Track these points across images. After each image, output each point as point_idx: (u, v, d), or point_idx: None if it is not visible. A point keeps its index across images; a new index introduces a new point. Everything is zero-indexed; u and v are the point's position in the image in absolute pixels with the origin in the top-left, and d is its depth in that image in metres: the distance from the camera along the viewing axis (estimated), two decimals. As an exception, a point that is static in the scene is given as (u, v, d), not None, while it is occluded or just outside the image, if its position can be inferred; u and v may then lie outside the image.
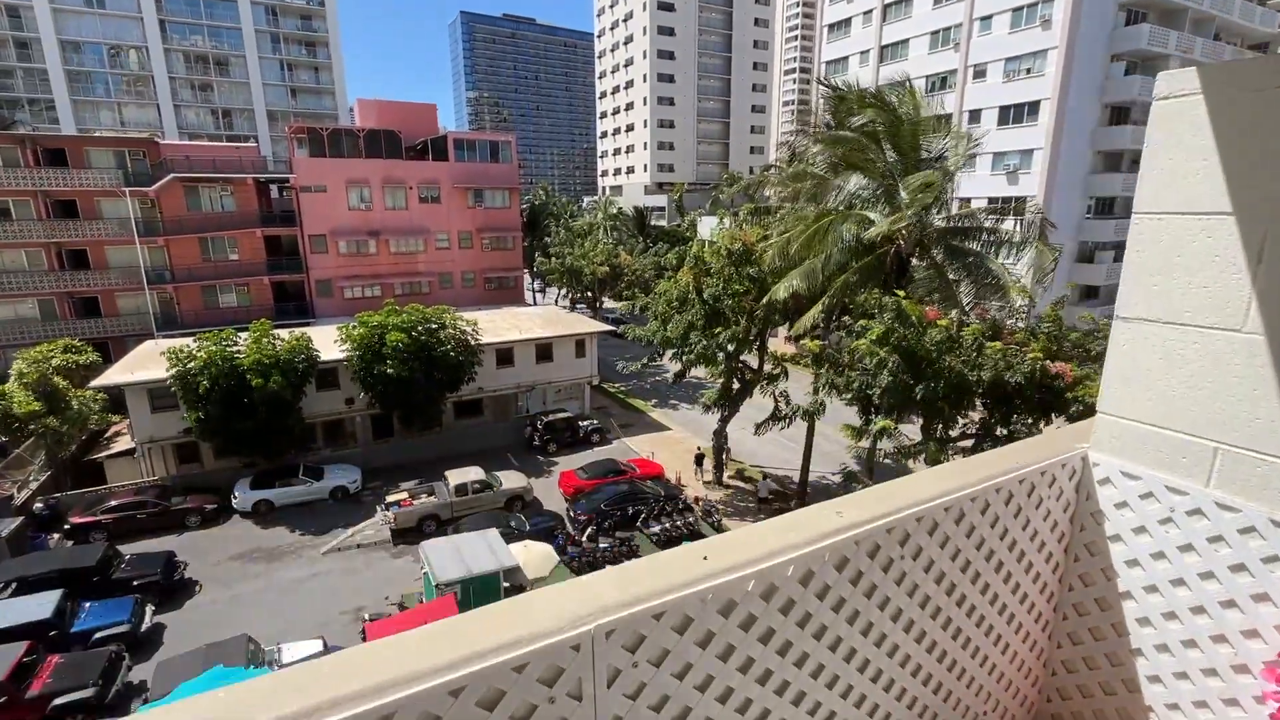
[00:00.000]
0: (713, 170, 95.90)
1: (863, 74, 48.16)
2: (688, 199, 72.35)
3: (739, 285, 23.36)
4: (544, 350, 35.34)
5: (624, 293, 48.31)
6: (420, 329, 28.08)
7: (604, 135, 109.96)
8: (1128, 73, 41.61)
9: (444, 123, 59.50)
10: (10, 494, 25.06)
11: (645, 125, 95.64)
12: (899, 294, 17.41)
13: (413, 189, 46.75)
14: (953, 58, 45.56)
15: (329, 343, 28.86)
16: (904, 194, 19.53)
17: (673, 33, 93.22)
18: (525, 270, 60.19)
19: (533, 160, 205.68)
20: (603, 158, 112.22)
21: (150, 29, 67.19)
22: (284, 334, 27.83)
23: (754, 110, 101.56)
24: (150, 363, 28.00)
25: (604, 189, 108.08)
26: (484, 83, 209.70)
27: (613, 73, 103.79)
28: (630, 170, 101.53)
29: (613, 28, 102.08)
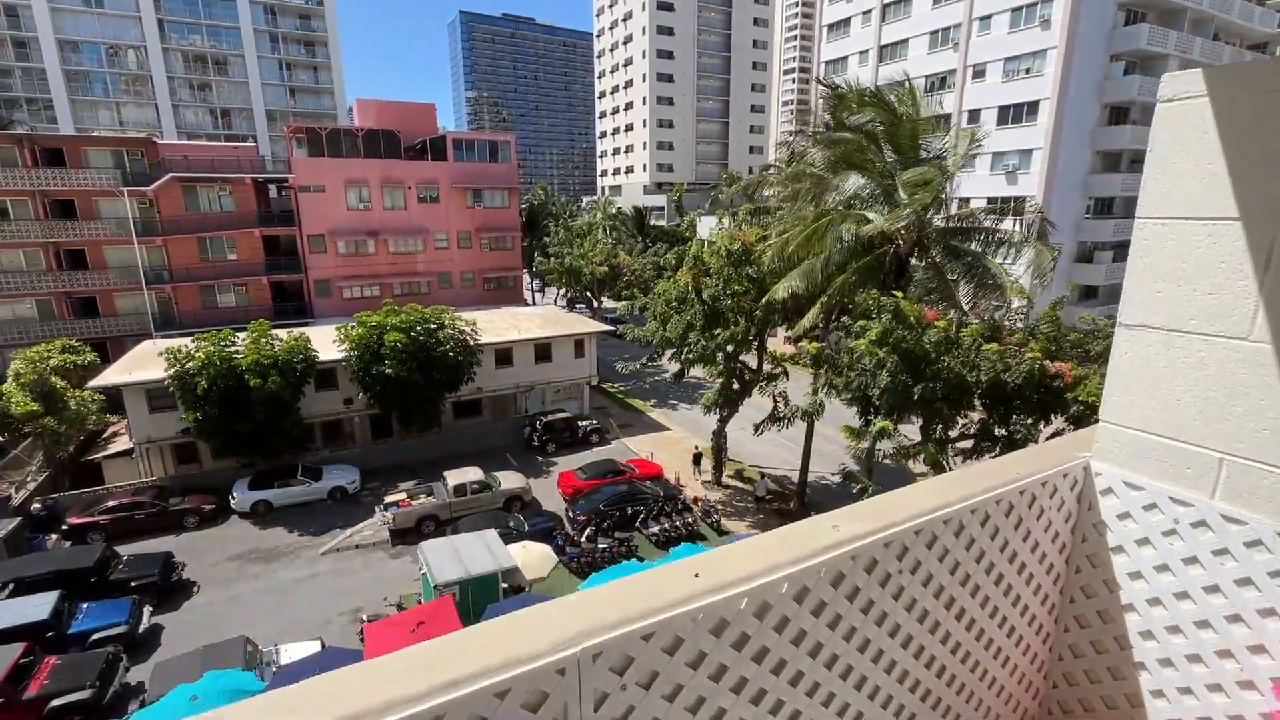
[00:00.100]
0: (712, 170, 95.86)
1: (862, 74, 48.09)
2: (687, 199, 72.29)
3: (738, 285, 23.32)
4: (543, 350, 35.29)
5: (623, 293, 48.29)
6: (419, 329, 28.02)
7: (603, 135, 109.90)
8: (1127, 73, 41.59)
9: (443, 122, 59.42)
10: (8, 494, 25.00)
11: (644, 125, 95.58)
12: (897, 295, 17.37)
13: (411, 189, 46.68)
14: (952, 58, 45.52)
15: (327, 343, 28.80)
16: (902, 192, 19.49)
17: (672, 33, 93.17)
18: (524, 270, 60.13)
19: (532, 160, 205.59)
20: (602, 157, 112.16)
21: (149, 28, 67.09)
22: (282, 334, 27.77)
23: (753, 110, 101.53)
24: (148, 363, 27.94)
25: (603, 189, 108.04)
26: (483, 82, 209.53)
27: (612, 72, 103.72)
28: (629, 170, 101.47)
29: (612, 27, 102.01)
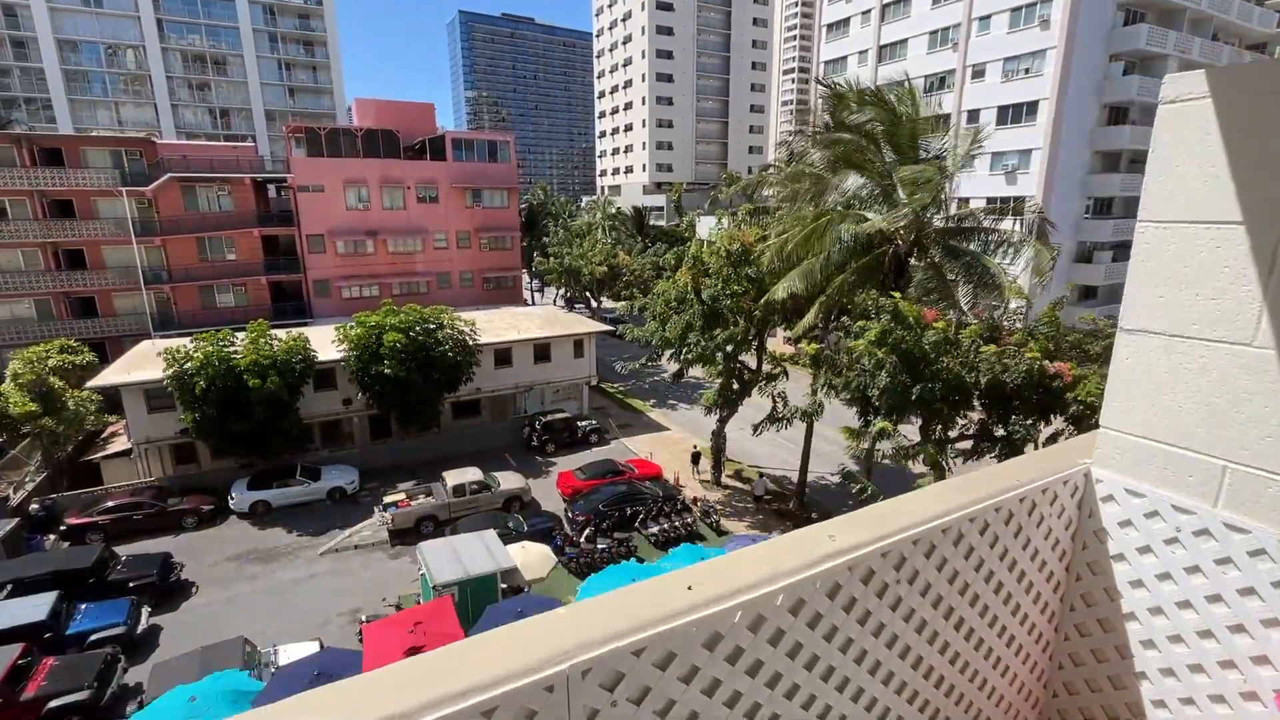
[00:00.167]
0: (711, 170, 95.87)
1: (861, 74, 48.07)
2: (686, 199, 72.29)
3: (737, 286, 23.30)
4: (542, 350, 35.25)
5: (622, 293, 48.26)
6: (418, 329, 28.00)
7: (603, 135, 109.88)
8: (1126, 73, 41.58)
9: (443, 122, 59.42)
10: (6, 495, 24.97)
11: (644, 125, 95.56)
12: (895, 295, 17.36)
13: (411, 189, 46.64)
14: (951, 58, 45.50)
15: (326, 343, 28.77)
16: (901, 192, 19.48)
17: (671, 32, 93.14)
18: (524, 270, 60.10)
19: (531, 160, 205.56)
20: (601, 157, 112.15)
21: (147, 28, 67.02)
22: (281, 334, 27.74)
23: (753, 110, 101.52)
24: (147, 363, 27.91)
25: (603, 189, 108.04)
26: (483, 82, 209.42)
27: (611, 72, 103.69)
28: (629, 170, 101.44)
29: (611, 27, 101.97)
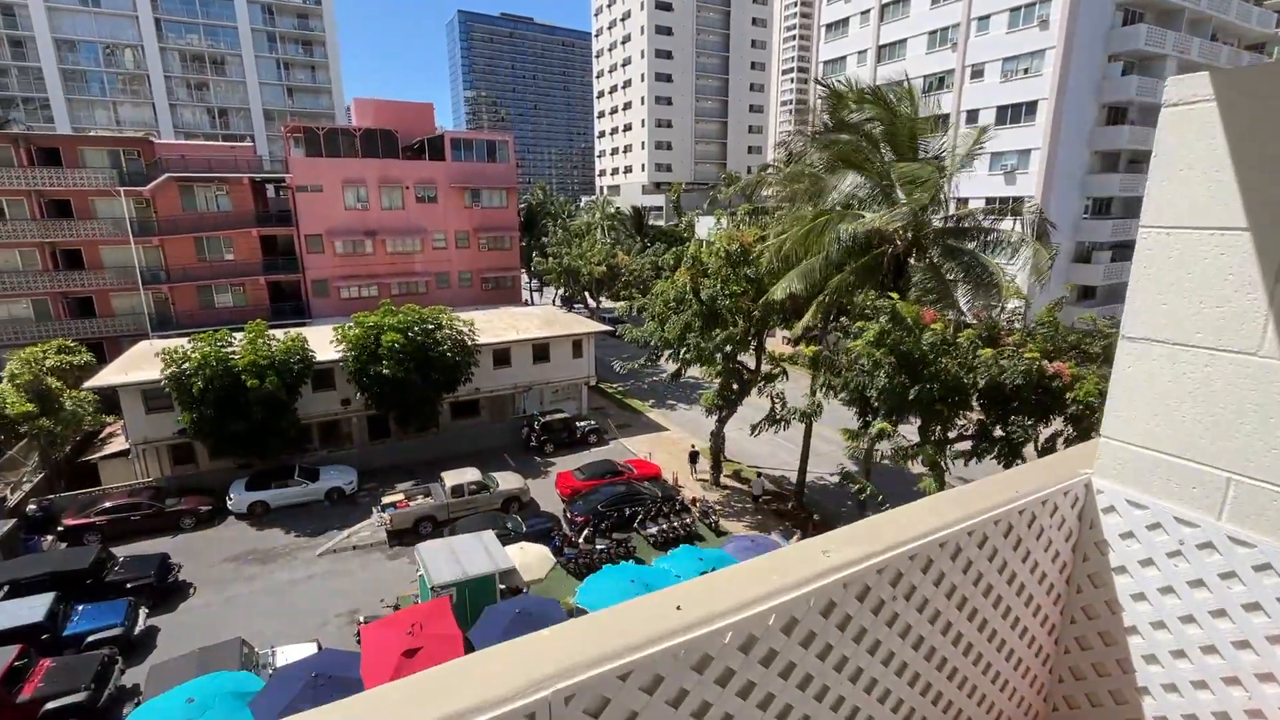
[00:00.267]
0: (710, 170, 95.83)
1: (860, 74, 48.02)
2: (685, 199, 72.25)
3: (736, 286, 23.27)
4: (541, 351, 35.20)
5: (621, 293, 48.23)
6: (416, 329, 27.95)
7: (602, 135, 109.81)
8: (1125, 73, 41.57)
9: (442, 122, 59.37)
10: (3, 496, 24.88)
11: (643, 125, 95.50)
12: (893, 297, 17.32)
13: (409, 189, 46.58)
14: (950, 58, 45.47)
15: (325, 343, 28.72)
16: (899, 191, 19.45)
17: (670, 32, 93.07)
18: (523, 270, 60.04)
19: (531, 160, 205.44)
20: (600, 157, 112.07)
21: (146, 27, 66.90)
22: (279, 334, 27.69)
23: (752, 110, 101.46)
24: (145, 363, 27.85)
25: (602, 188, 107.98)
26: (482, 82, 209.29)
27: (610, 72, 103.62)
28: (628, 170, 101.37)
29: (610, 27, 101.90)
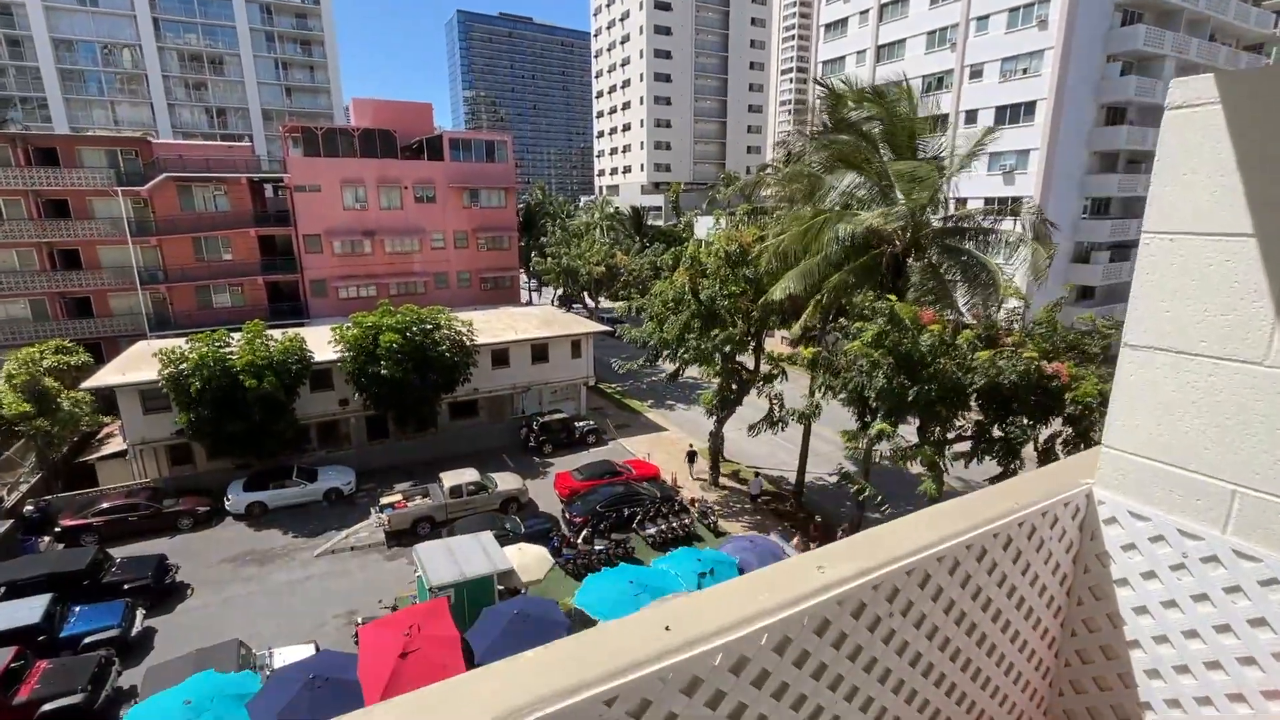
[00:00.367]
0: (709, 170, 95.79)
1: (860, 74, 48.00)
2: (684, 199, 72.22)
3: (735, 287, 23.23)
4: (540, 351, 35.16)
5: (620, 293, 48.19)
6: (415, 329, 27.90)
7: (601, 135, 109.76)
8: (1123, 73, 41.57)
9: (441, 122, 59.33)
10: (0, 497, 24.81)
11: (642, 125, 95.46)
12: (890, 299, 17.30)
13: (408, 189, 46.52)
14: (949, 58, 45.46)
15: (323, 343, 28.66)
16: (898, 191, 19.43)
17: (669, 32, 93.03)
18: (521, 270, 59.99)
19: (530, 159, 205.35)
20: (599, 157, 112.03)
21: (144, 27, 66.78)
22: (277, 335, 27.63)
23: (751, 110, 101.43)
24: (143, 364, 27.79)
25: (601, 188, 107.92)
26: (481, 82, 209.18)
27: (609, 72, 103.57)
28: (627, 170, 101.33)
29: (609, 27, 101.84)
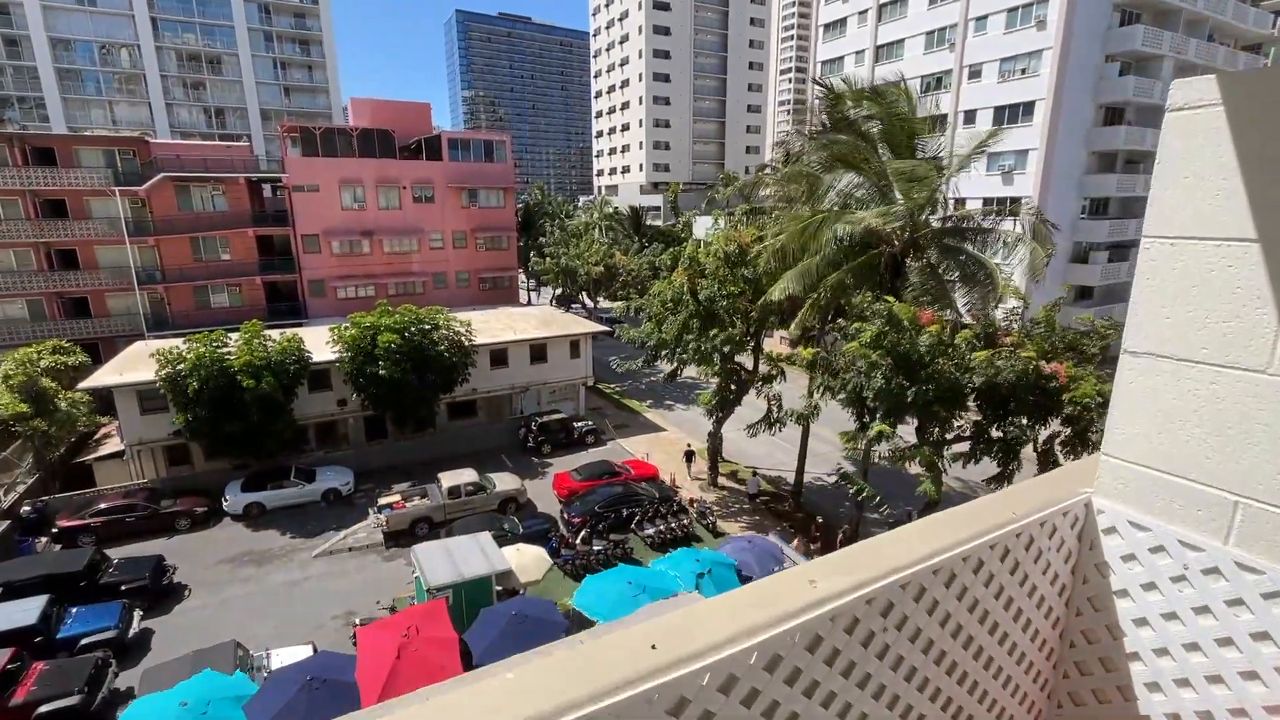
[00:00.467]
0: (708, 170, 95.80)
1: (858, 74, 48.00)
2: (683, 199, 72.24)
3: (733, 287, 23.21)
4: (538, 351, 35.12)
5: (619, 293, 48.18)
6: (413, 330, 27.86)
7: (600, 135, 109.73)
8: (1122, 73, 41.58)
9: (440, 122, 59.26)
10: (-3, 497, 24.77)
11: (641, 125, 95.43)
12: (889, 300, 17.29)
13: (407, 189, 46.47)
14: (948, 58, 45.45)
15: (321, 344, 28.61)
16: (896, 191, 19.42)
17: (668, 32, 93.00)
18: (520, 270, 59.94)
19: (529, 159, 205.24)
20: (598, 157, 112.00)
21: (142, 27, 66.66)
22: (275, 335, 27.59)
23: (750, 110, 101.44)
24: (140, 364, 27.72)
25: (600, 188, 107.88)
26: (480, 81, 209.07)
27: (608, 72, 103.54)
28: (626, 170, 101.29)
29: (608, 27, 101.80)
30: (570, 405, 36.35)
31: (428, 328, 28.52)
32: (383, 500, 24.92)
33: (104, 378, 27.43)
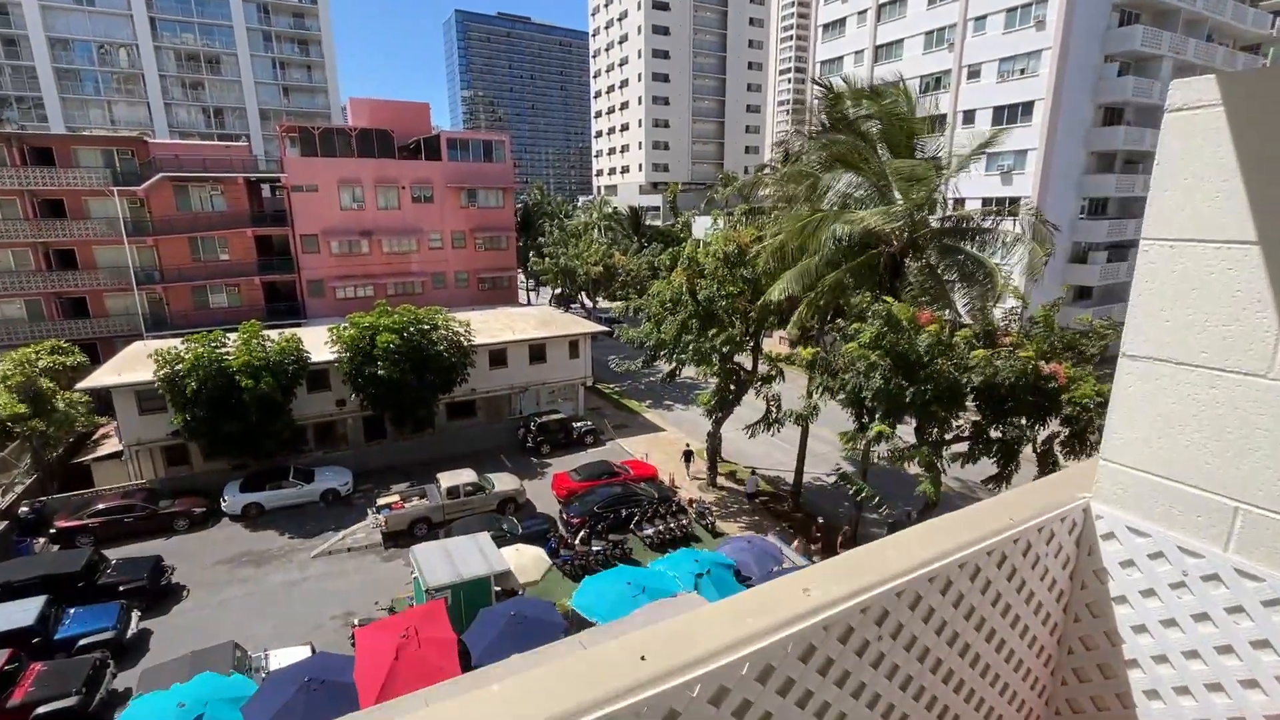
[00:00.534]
0: (708, 170, 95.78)
1: (858, 74, 48.00)
2: (683, 198, 72.22)
3: (733, 287, 23.19)
4: (537, 351, 35.09)
5: (618, 293, 48.16)
6: (412, 330, 27.83)
7: (599, 135, 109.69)
8: (1121, 73, 41.60)
9: (440, 122, 59.25)
10: (-6, 498, 24.73)
11: (640, 125, 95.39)
12: (888, 300, 17.27)
13: (405, 189, 46.43)
14: (947, 58, 45.45)
15: (320, 344, 28.57)
16: (895, 191, 19.41)
17: (667, 32, 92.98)
18: (519, 270, 59.92)
19: (528, 159, 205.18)
20: (598, 157, 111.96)
21: (140, 26, 66.59)
22: (274, 335, 27.56)
23: (749, 110, 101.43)
24: (138, 364, 27.68)
25: (599, 188, 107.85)
26: (479, 81, 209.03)
27: (607, 72, 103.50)
28: (625, 170, 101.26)
29: (607, 27, 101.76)
30: (569, 405, 36.32)
31: (426, 328, 28.49)
32: (381, 500, 24.89)
33: (102, 378, 27.38)
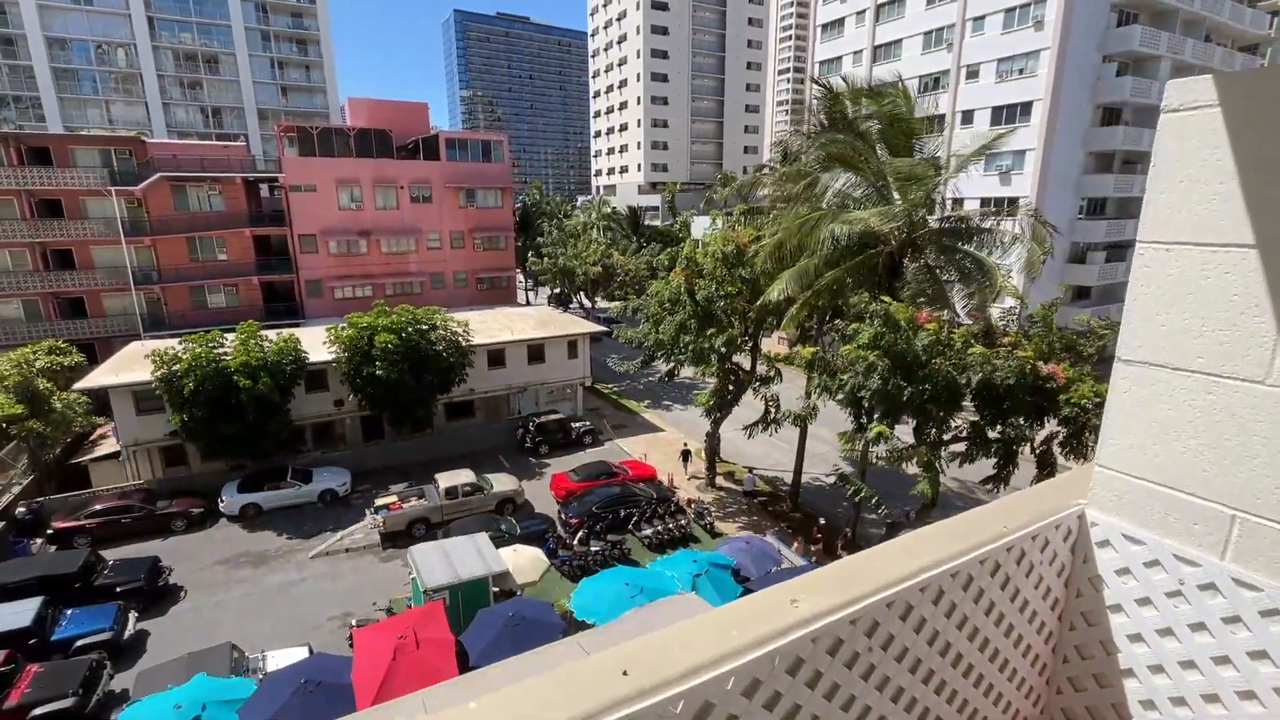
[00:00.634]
0: (707, 170, 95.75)
1: (856, 74, 48.00)
2: (682, 198, 72.20)
3: (731, 287, 23.17)
4: (536, 351, 35.06)
5: (616, 293, 48.14)
6: (410, 330, 27.79)
7: (598, 134, 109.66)
8: (1119, 74, 41.61)
9: (439, 122, 59.25)
10: (-9, 499, 24.66)
11: (639, 125, 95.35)
12: (887, 300, 17.25)
13: (404, 189, 46.37)
14: (946, 58, 45.44)
15: (318, 344, 28.53)
16: (894, 191, 19.39)
17: (666, 32, 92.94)
18: (518, 270, 59.87)
19: (527, 159, 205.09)
20: (596, 157, 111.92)
21: (138, 26, 66.48)
22: (272, 335, 27.51)
23: (748, 110, 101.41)
24: (136, 364, 27.63)
25: (598, 188, 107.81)
26: (478, 81, 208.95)
27: (606, 72, 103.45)
28: (624, 170, 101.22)
29: (606, 27, 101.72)
30: (568, 405, 36.29)
31: (425, 328, 28.46)
32: (380, 501, 24.85)
33: (100, 378, 27.32)
